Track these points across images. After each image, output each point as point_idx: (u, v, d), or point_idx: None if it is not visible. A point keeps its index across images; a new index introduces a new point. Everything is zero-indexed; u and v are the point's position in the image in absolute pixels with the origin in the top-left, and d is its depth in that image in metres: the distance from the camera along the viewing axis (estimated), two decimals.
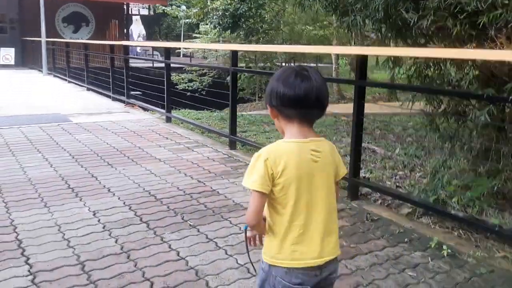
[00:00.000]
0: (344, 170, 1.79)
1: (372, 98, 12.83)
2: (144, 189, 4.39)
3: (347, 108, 10.51)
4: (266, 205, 1.68)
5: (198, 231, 3.48)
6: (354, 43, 11.54)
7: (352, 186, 4.29)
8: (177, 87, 15.28)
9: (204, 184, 4.62)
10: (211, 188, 4.49)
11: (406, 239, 3.43)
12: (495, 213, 3.66)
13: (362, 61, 4.02)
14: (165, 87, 7.73)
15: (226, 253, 3.13)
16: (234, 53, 6.28)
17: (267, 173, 1.59)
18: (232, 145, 6.15)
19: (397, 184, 4.88)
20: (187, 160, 5.51)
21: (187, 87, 15.42)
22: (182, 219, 3.70)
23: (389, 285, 2.80)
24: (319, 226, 1.65)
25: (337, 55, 15.03)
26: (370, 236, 3.47)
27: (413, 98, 4.25)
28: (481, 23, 3.16)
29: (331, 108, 10.17)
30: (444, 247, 3.26)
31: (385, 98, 11.83)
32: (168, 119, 7.95)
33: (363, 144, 5.03)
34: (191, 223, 3.61)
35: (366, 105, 4.20)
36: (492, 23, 3.12)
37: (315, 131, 1.71)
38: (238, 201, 4.14)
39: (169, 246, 3.21)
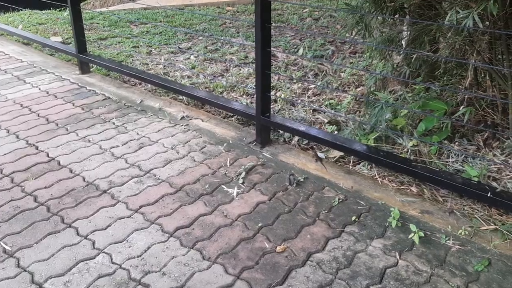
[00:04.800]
0: None
1: None
2: None
3: None
4: None
5: None
6: None
7: (262, 129, 2.98)
8: None
9: (37, 148, 2.97)
10: (48, 155, 2.88)
11: (353, 217, 2.29)
12: (459, 156, 2.64)
13: None
14: None
15: None
16: None
17: None
18: (84, 68, 4.36)
19: (312, 105, 3.66)
20: (14, 101, 3.69)
21: None
22: None
23: None
24: None
25: None
26: (302, 219, 2.28)
27: None
28: None
29: None
30: (412, 226, 2.19)
31: None
32: None
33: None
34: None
35: None
36: None
37: None
38: (93, 179, 2.64)
39: None
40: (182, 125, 3.31)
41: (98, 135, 3.14)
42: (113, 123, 3.32)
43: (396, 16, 3.17)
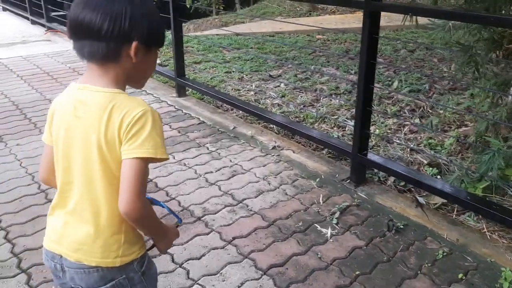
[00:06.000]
0: (130, 154, 1.03)
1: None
2: (39, 187, 2.85)
3: (321, 21, 8.80)
4: None
5: None
6: None
7: (358, 167, 2.88)
8: None
9: None
10: (148, 177, 2.97)
11: (460, 274, 2.11)
12: None
13: None
14: None
15: None
16: None
17: (48, 122, 1.18)
18: (181, 91, 4.52)
19: (409, 143, 3.49)
20: None
21: None
22: None
23: None
24: (66, 203, 1.14)
25: None
26: (403, 271, 2.13)
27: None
28: None
29: (304, 21, 8.41)
30: None
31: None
32: None
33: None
34: None
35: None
36: None
37: (111, 76, 1.13)
38: (188, 204, 2.68)
39: None
40: (273, 155, 3.30)
41: (193, 159, 3.20)
42: (207, 148, 3.38)
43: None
